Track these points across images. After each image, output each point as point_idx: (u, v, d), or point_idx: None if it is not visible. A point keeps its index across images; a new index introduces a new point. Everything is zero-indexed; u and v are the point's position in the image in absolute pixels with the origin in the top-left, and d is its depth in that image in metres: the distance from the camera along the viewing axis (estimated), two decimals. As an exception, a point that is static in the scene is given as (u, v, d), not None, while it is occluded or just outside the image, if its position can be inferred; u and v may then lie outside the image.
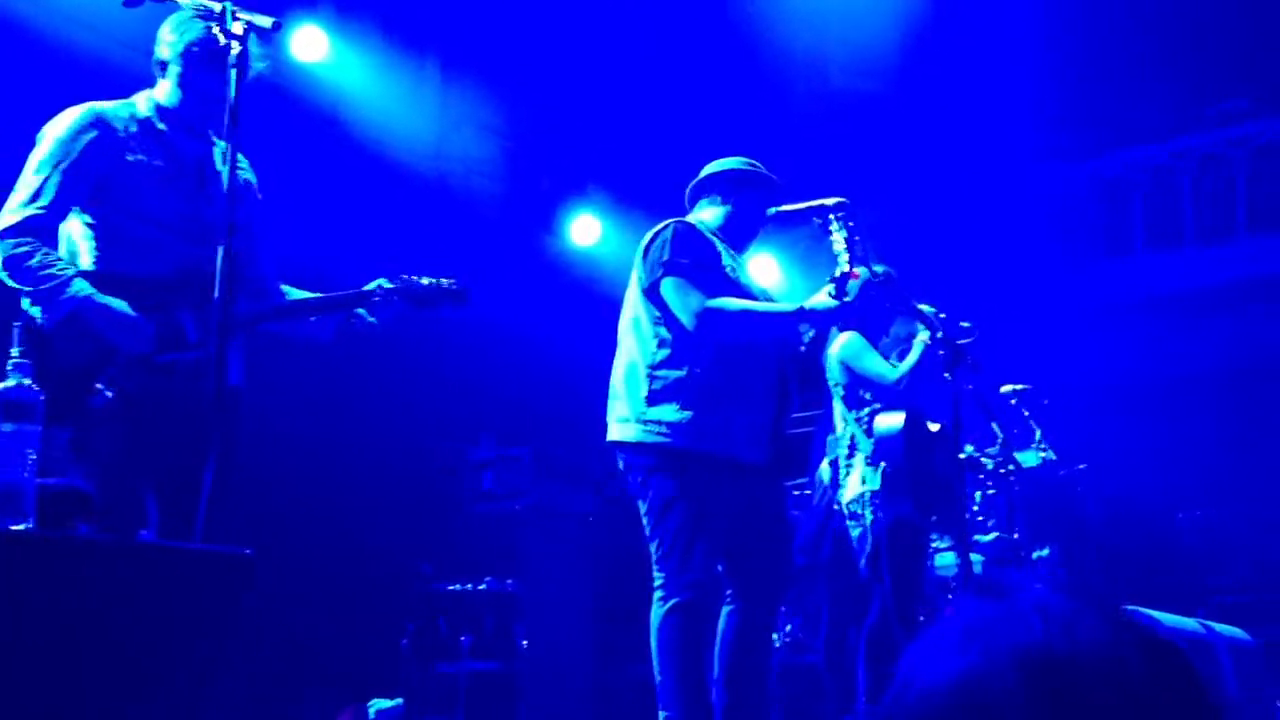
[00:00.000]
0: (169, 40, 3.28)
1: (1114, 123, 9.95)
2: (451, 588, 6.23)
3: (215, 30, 2.94)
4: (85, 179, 3.17)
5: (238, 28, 2.82)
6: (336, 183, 6.74)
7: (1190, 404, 8.69)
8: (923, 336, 4.50)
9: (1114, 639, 0.86)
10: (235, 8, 2.85)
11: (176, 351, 3.11)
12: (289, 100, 6.52)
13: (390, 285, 3.43)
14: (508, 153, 7.99)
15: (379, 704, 3.02)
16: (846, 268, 3.57)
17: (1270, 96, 9.56)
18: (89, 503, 2.28)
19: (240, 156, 3.46)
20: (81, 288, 3.04)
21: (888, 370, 4.64)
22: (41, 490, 2.13)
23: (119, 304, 3.05)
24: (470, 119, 7.76)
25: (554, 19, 7.77)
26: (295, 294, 3.48)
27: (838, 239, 3.65)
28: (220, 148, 3.39)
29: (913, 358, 4.55)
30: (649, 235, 3.84)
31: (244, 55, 2.81)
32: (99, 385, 2.13)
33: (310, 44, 6.70)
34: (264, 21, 2.86)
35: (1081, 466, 6.22)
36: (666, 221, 3.85)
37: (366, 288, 3.42)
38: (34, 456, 2.09)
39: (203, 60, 3.22)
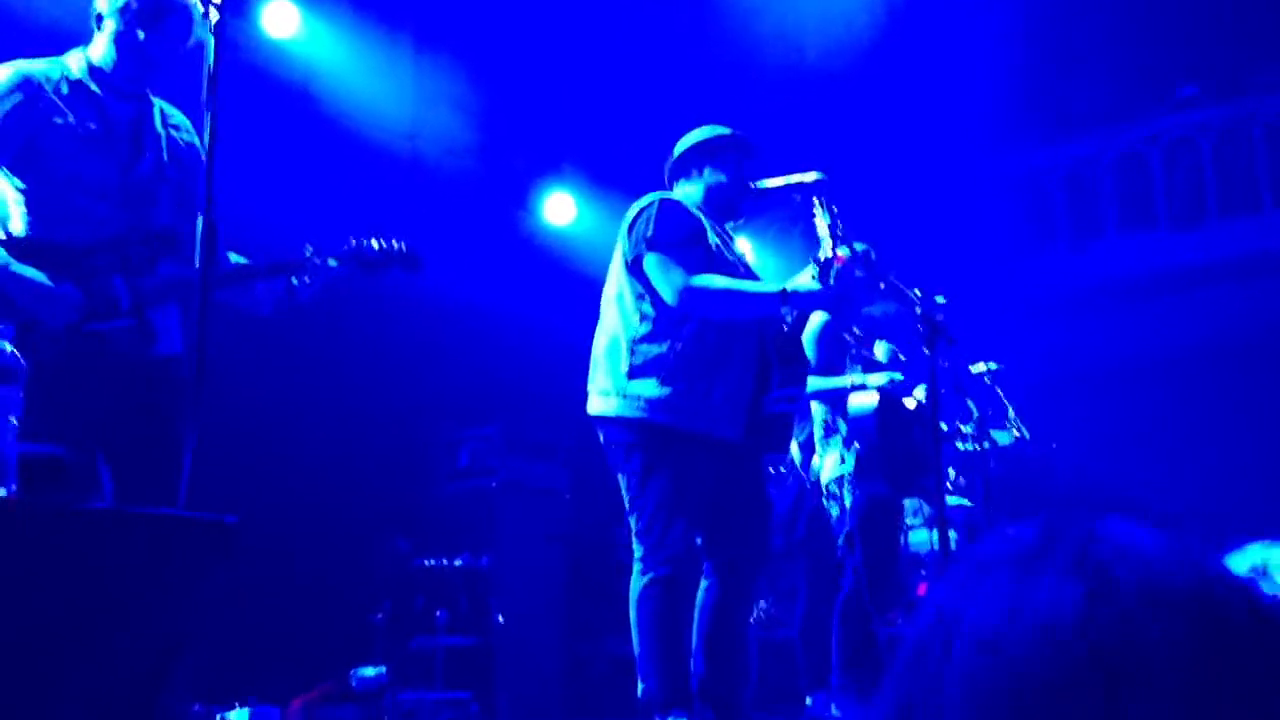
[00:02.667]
0: None
1: (1084, 106, 10.03)
2: (427, 564, 6.24)
3: None
4: (10, 142, 3.06)
5: (214, -6, 2.77)
6: (308, 159, 6.69)
7: (1162, 384, 8.79)
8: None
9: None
10: None
11: (107, 319, 3.03)
12: (259, 76, 6.46)
13: (328, 251, 3.29)
14: (482, 131, 7.95)
15: (362, 671, 3.01)
16: (830, 251, 3.57)
17: (1222, 83, 9.67)
18: (72, 470, 2.25)
19: (182, 118, 3.42)
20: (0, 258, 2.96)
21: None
22: (24, 457, 2.10)
23: (36, 274, 2.95)
24: (444, 96, 7.71)
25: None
26: (237, 259, 3.36)
27: (820, 220, 3.64)
28: (158, 107, 3.32)
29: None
30: (633, 210, 3.83)
31: (222, 24, 2.76)
32: (16, 354, 2.09)
33: (282, 19, 6.64)
34: None
35: (1054, 445, 6.28)
36: (651, 196, 3.84)
37: (306, 252, 3.30)
38: (15, 421, 2.07)
39: (141, 18, 3.11)
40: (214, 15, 2.74)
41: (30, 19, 5.08)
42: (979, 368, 5.84)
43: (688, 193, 3.97)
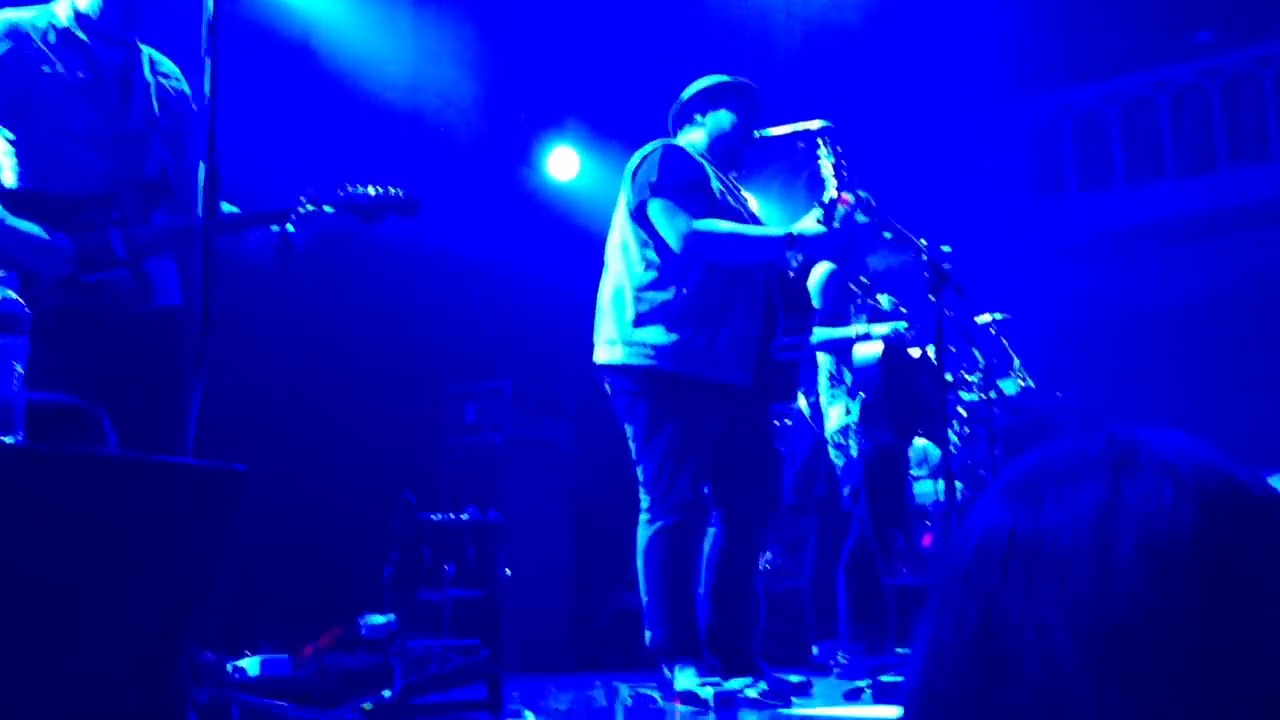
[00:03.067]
0: None
1: (1090, 54, 9.94)
2: (435, 518, 6.27)
3: None
4: (1, 94, 3.03)
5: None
6: (308, 113, 6.65)
7: (1170, 333, 8.77)
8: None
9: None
10: None
11: (103, 270, 3.00)
12: (259, 29, 6.41)
13: (322, 198, 3.24)
14: (485, 84, 7.89)
15: (371, 618, 3.05)
16: (835, 193, 3.56)
17: (1237, 28, 9.57)
18: (84, 417, 2.25)
19: (171, 65, 3.38)
20: None
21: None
22: (32, 405, 2.10)
23: (31, 227, 2.92)
24: (446, 50, 7.66)
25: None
26: (228, 209, 3.35)
27: (825, 164, 3.64)
28: (146, 55, 3.29)
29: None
30: (637, 157, 3.82)
31: None
32: (20, 301, 2.08)
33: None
34: None
35: (1059, 395, 6.28)
36: (654, 143, 3.82)
37: (300, 200, 3.23)
38: (21, 370, 2.06)
39: None
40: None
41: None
42: (985, 318, 5.83)
43: (692, 139, 3.95)
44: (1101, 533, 0.72)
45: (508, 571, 6.29)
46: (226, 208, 3.30)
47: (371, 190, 3.24)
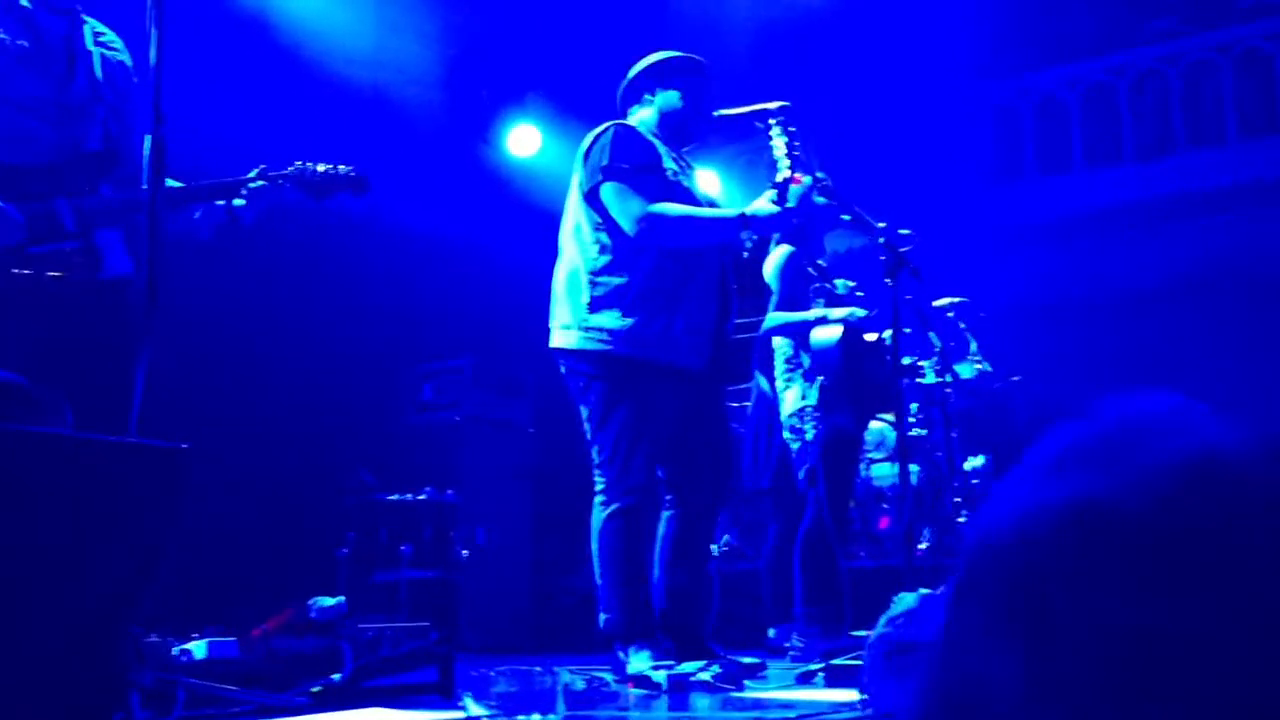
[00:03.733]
0: None
1: (1051, 39, 9.98)
2: (391, 498, 6.23)
3: None
4: None
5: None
6: (264, 88, 6.55)
7: (1130, 316, 8.85)
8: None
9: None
10: None
11: (52, 242, 2.95)
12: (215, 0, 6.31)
13: (271, 170, 3.21)
14: (445, 61, 7.82)
15: (320, 601, 3.01)
16: (788, 173, 3.55)
17: (1196, 14, 9.64)
18: (24, 394, 2.20)
19: (113, 36, 3.31)
20: None
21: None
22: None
23: None
24: (407, 25, 7.57)
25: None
26: (174, 184, 3.30)
27: (779, 144, 3.62)
28: (91, 26, 3.22)
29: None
30: (588, 139, 3.78)
31: None
32: None
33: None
34: None
35: (1015, 378, 6.32)
36: (606, 124, 3.78)
37: (248, 175, 3.17)
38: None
39: None
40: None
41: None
42: (943, 301, 5.85)
43: (642, 118, 3.92)
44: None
45: (465, 552, 6.27)
46: (171, 183, 3.24)
47: (321, 167, 3.18)
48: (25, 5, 3.07)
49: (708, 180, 7.15)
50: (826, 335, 4.74)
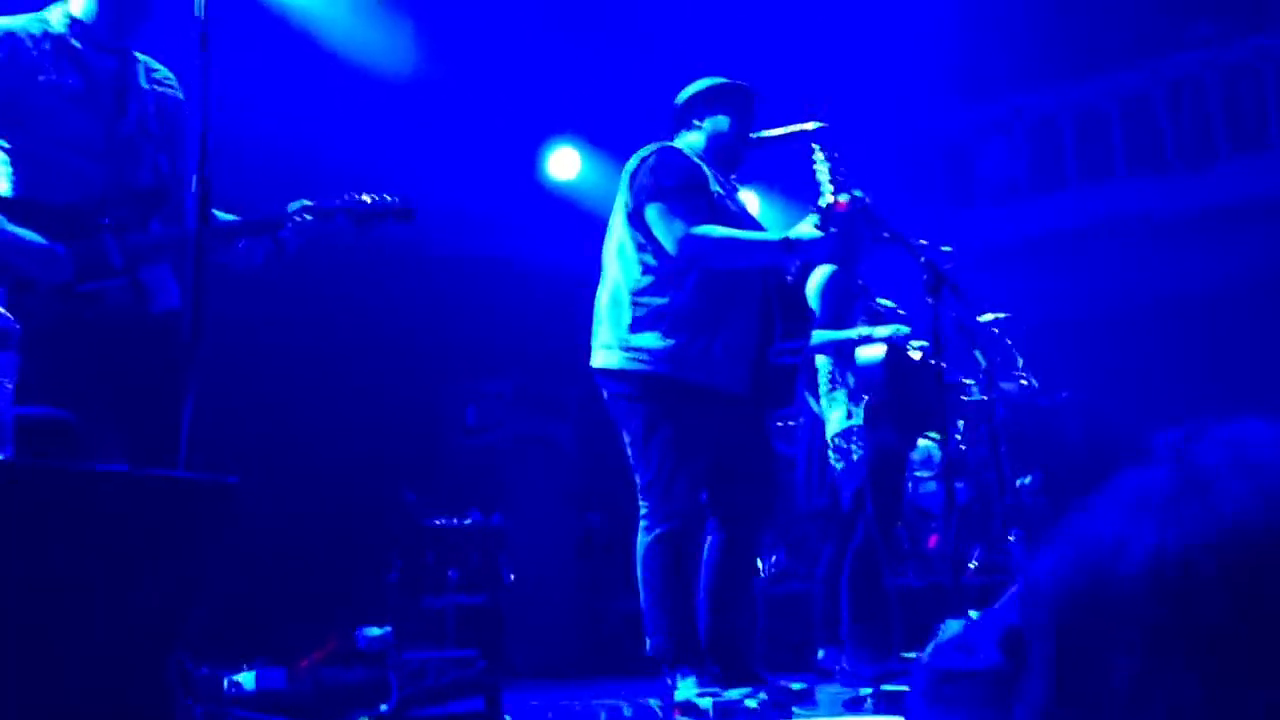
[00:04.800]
0: None
1: (1089, 47, 9.89)
2: (438, 522, 6.25)
3: None
4: None
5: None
6: (308, 110, 6.63)
7: (1177, 327, 8.73)
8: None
9: None
10: None
11: (100, 279, 3.00)
12: (262, 23, 6.39)
13: (318, 207, 3.21)
14: (487, 82, 7.87)
15: (368, 630, 3.03)
16: (831, 198, 3.54)
17: (1237, 19, 9.52)
18: (70, 432, 2.24)
19: (166, 72, 3.37)
20: None
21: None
22: (19, 420, 2.09)
23: (30, 234, 2.92)
24: (449, 46, 7.64)
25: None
26: (225, 217, 3.28)
27: (821, 167, 3.61)
28: (141, 62, 3.28)
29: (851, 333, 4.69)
30: (634, 160, 3.79)
31: None
32: (9, 316, 2.06)
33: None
34: None
35: (1064, 394, 6.25)
36: (651, 146, 3.79)
37: (290, 207, 3.23)
38: (10, 385, 2.05)
39: None
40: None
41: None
42: (987, 317, 5.79)
43: (690, 141, 3.93)
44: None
45: (511, 576, 6.27)
46: (220, 214, 3.29)
47: (368, 198, 3.23)
48: (76, 46, 3.13)
49: (747, 199, 7.14)
50: (870, 354, 4.72)
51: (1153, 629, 0.65)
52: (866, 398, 4.73)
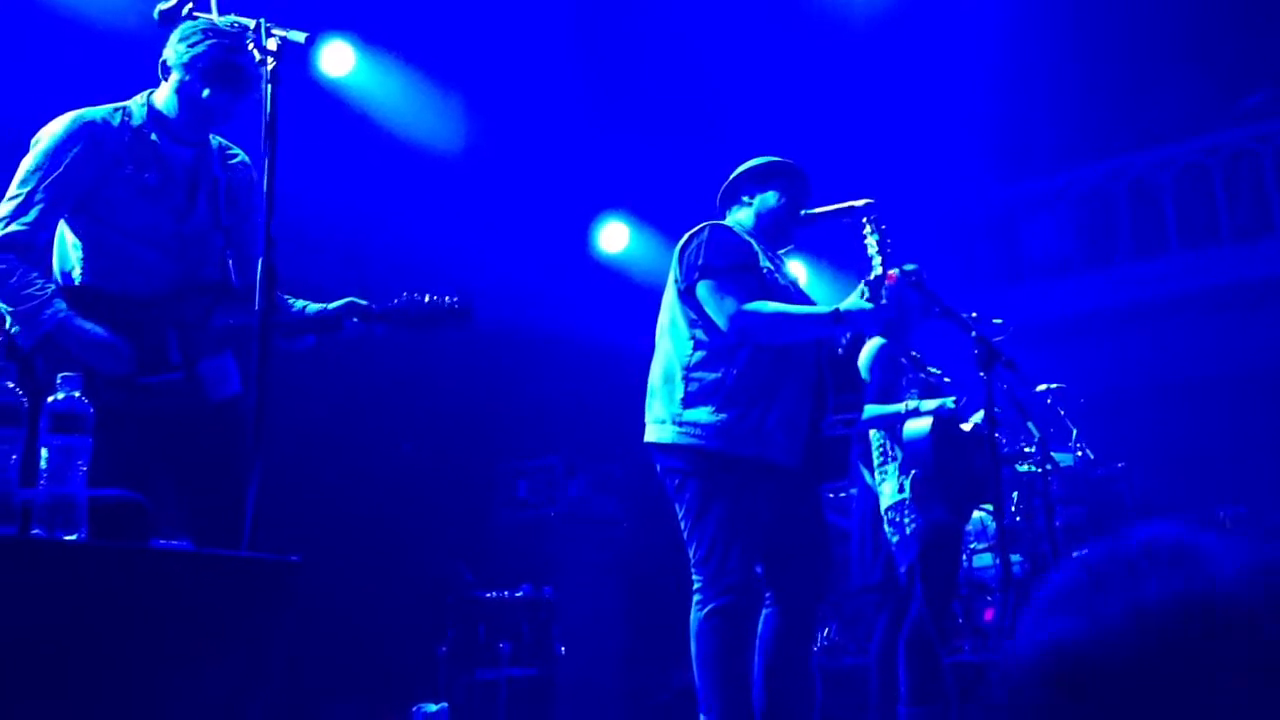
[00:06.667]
0: (176, 48, 3.17)
1: (1141, 121, 9.91)
2: (489, 595, 6.26)
3: (229, 50, 2.98)
4: (71, 192, 3.10)
5: (271, 43, 2.82)
6: (363, 187, 6.79)
7: (1232, 399, 8.62)
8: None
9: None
10: (269, 24, 2.84)
11: (158, 374, 3.07)
12: (315, 111, 6.57)
13: (378, 309, 3.28)
14: (538, 159, 8.02)
15: (425, 708, 3.02)
16: (880, 270, 3.57)
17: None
18: (145, 514, 2.29)
19: (241, 155, 3.45)
20: (59, 309, 2.99)
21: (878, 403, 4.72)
22: (92, 501, 2.14)
23: (95, 327, 3.00)
24: (497, 126, 7.79)
25: (574, 32, 7.81)
26: (291, 301, 3.37)
27: (870, 241, 3.65)
28: (216, 145, 3.34)
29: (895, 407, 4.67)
30: (685, 238, 3.85)
31: (278, 71, 2.81)
32: (85, 401, 2.14)
33: (338, 59, 6.77)
34: (297, 37, 2.87)
35: (1120, 465, 6.18)
36: (702, 224, 3.85)
37: (356, 305, 3.30)
38: (85, 468, 2.11)
39: (207, 76, 3.14)
40: (270, 64, 2.80)
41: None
42: (1041, 388, 5.77)
43: (739, 219, 3.98)
44: None
45: (563, 649, 6.26)
46: (291, 300, 3.37)
47: (428, 298, 3.28)
48: (154, 140, 3.22)
49: (796, 270, 7.19)
50: (917, 428, 4.70)
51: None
52: (915, 472, 4.71)
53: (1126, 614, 0.72)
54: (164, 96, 3.23)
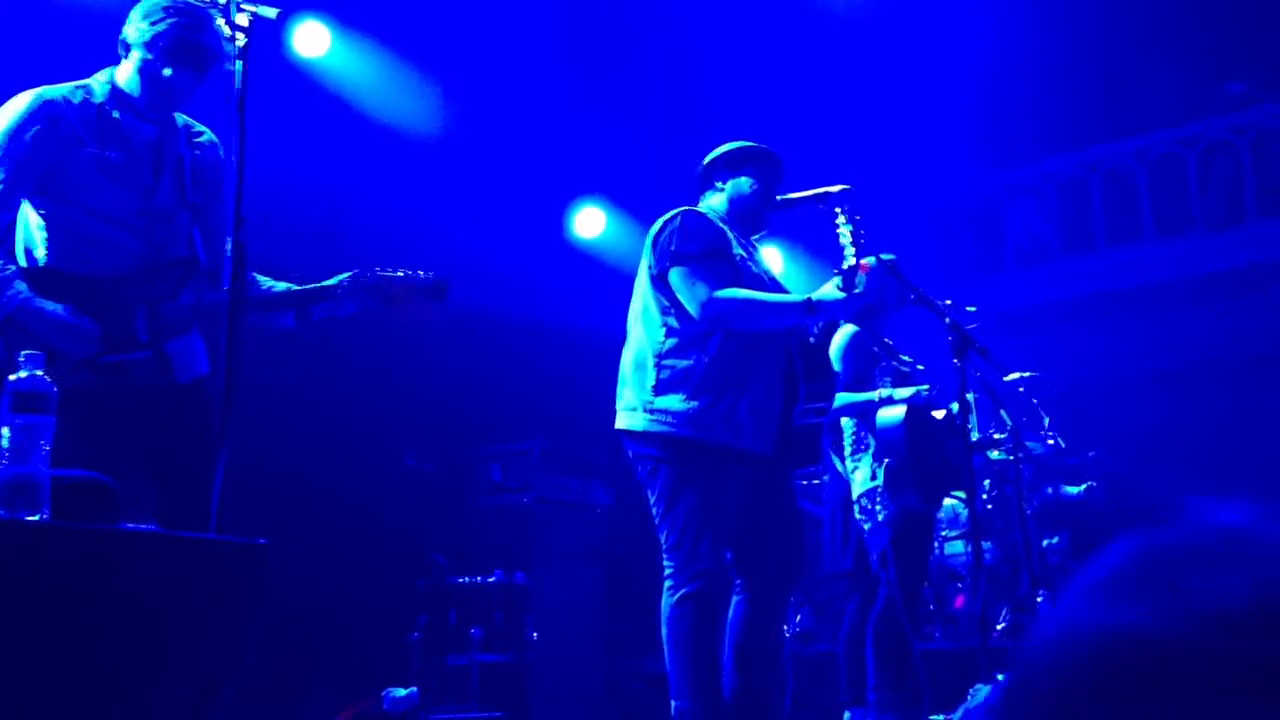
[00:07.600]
0: (139, 26, 3.12)
1: (1117, 110, 9.95)
2: (462, 581, 6.25)
3: (190, 29, 2.96)
4: (32, 173, 3.05)
5: (242, 19, 2.79)
6: (338, 169, 6.74)
7: (1203, 388, 8.69)
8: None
9: None
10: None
11: (125, 353, 3.04)
12: (289, 90, 6.51)
13: (351, 278, 3.22)
14: (514, 143, 7.98)
15: (394, 692, 3.01)
16: (854, 260, 3.57)
17: (1271, 80, 9.57)
18: (111, 495, 2.27)
19: (209, 134, 3.40)
20: (19, 290, 2.95)
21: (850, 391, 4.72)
22: (56, 482, 2.12)
23: (56, 308, 2.96)
24: (474, 110, 7.75)
25: (551, 16, 7.78)
26: (263, 280, 3.31)
27: (843, 229, 3.64)
28: (186, 126, 3.30)
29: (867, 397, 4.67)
30: (658, 224, 3.83)
31: (249, 47, 2.78)
32: (48, 380, 2.10)
33: (312, 39, 6.71)
34: (269, 12, 2.83)
35: (1091, 454, 6.21)
36: (675, 210, 3.84)
37: (329, 282, 3.24)
38: (48, 448, 2.08)
39: (168, 54, 3.10)
40: (241, 39, 2.77)
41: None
42: (1013, 377, 5.79)
43: (713, 204, 3.97)
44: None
45: (535, 635, 6.25)
46: (260, 279, 3.33)
47: (400, 273, 3.24)
48: (116, 116, 3.17)
49: (771, 256, 7.19)
50: (890, 415, 4.71)
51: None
52: (888, 460, 4.72)
53: (1208, 611, 0.67)
54: (126, 74, 3.19)
